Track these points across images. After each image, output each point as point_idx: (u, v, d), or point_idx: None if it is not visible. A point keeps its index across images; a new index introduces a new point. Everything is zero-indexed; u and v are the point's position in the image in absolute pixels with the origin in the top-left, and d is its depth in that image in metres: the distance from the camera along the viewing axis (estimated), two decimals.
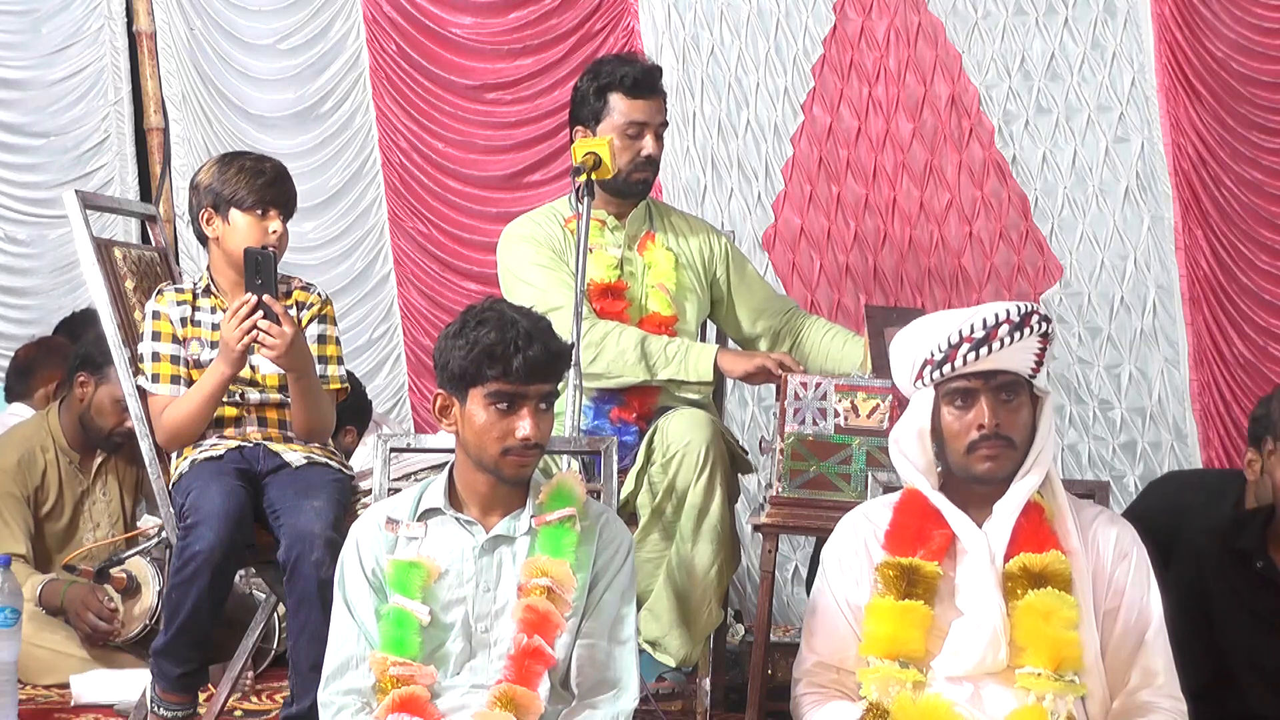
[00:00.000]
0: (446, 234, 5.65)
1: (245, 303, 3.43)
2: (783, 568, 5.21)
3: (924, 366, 2.83)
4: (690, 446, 3.68)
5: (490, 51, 5.60)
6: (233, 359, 3.47)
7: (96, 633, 4.38)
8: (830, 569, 2.94)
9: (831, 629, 2.90)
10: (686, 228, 4.17)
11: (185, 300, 3.62)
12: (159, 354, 3.58)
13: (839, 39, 5.20)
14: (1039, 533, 2.80)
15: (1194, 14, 4.91)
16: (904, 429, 2.89)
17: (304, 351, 3.53)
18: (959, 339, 2.79)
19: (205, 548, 3.29)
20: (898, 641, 2.77)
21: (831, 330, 4.14)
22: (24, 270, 6.03)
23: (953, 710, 2.70)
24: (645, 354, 3.86)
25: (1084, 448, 5.15)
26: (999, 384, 2.81)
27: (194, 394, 3.53)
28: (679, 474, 3.70)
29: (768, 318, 4.17)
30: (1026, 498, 2.82)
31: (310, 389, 3.55)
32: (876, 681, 2.75)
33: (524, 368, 2.77)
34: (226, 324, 3.45)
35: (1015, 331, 2.77)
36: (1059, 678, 2.71)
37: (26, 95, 5.98)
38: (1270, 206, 4.90)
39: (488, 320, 2.81)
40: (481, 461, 2.85)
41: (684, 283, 4.06)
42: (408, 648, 2.81)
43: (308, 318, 3.64)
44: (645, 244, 4.06)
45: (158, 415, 3.56)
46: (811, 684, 2.90)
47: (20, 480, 4.61)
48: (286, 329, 3.43)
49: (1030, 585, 2.76)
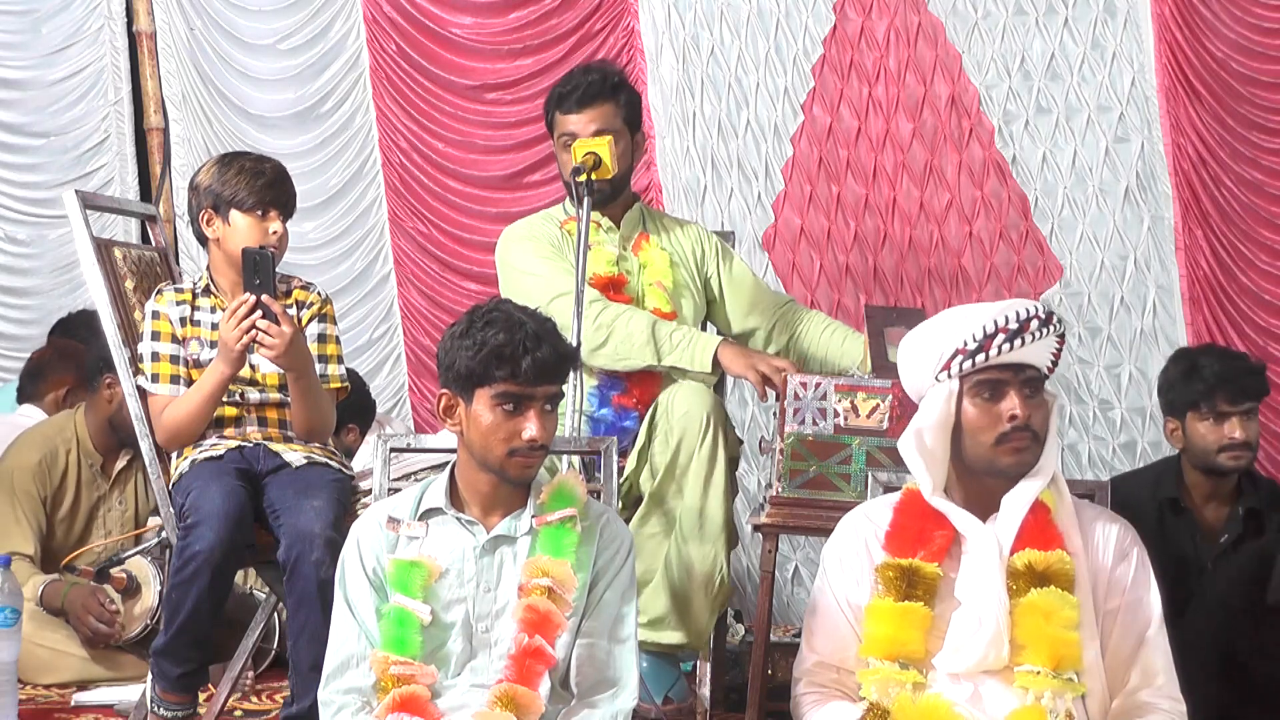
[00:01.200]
0: (446, 234, 5.65)
1: (244, 303, 3.43)
2: (783, 568, 5.21)
3: (955, 356, 2.79)
4: (690, 416, 3.71)
5: (490, 51, 5.60)
6: (232, 359, 3.47)
7: (97, 635, 4.39)
8: (831, 569, 2.93)
9: (832, 629, 2.89)
10: (678, 230, 4.21)
11: (185, 300, 3.62)
12: (158, 354, 3.58)
13: (839, 39, 5.20)
14: (1046, 531, 2.80)
15: (1194, 14, 4.91)
16: (927, 421, 2.83)
17: (303, 351, 3.53)
18: (995, 329, 2.78)
19: (205, 548, 3.29)
20: (897, 643, 2.77)
21: (830, 326, 4.15)
22: (24, 270, 6.03)
23: (953, 710, 2.70)
24: (654, 337, 3.88)
25: (1084, 448, 5.15)
26: (1026, 378, 2.81)
27: (193, 394, 3.53)
28: (683, 441, 3.71)
29: (760, 314, 4.17)
30: (1035, 495, 2.82)
31: (310, 389, 3.55)
32: (876, 683, 2.75)
33: (533, 369, 2.77)
34: (225, 324, 3.45)
35: (1044, 327, 2.79)
36: (1058, 676, 2.71)
37: (26, 95, 5.99)
38: (1270, 206, 4.90)
39: (495, 321, 2.81)
40: (486, 462, 2.85)
41: (679, 280, 4.09)
42: (409, 647, 2.81)
43: (308, 317, 3.64)
44: (640, 244, 4.09)
45: (158, 415, 3.56)
46: (812, 684, 2.90)
47: (40, 479, 4.61)
48: (285, 328, 3.43)
49: (1033, 583, 2.76)
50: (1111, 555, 2.86)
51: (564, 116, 4.03)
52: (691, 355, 3.88)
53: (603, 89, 4.03)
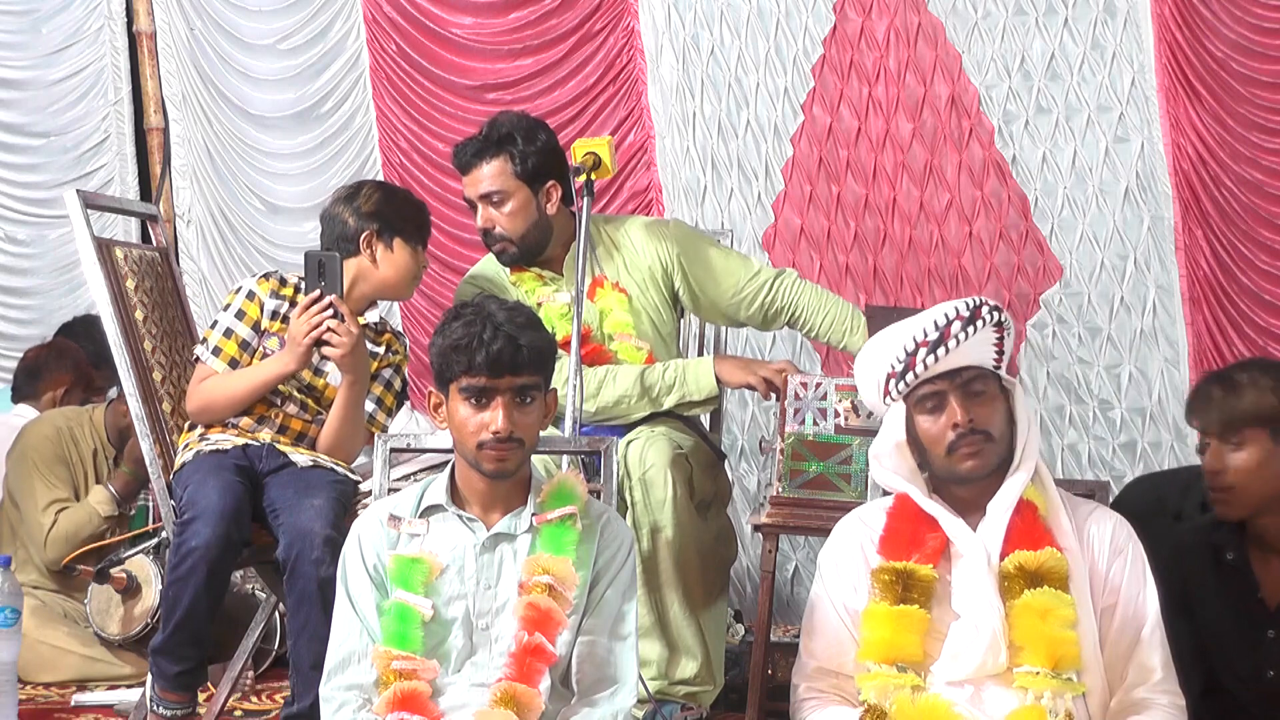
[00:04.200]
0: (446, 234, 5.65)
1: (315, 299, 3.47)
2: (783, 568, 5.21)
3: (888, 381, 2.84)
4: (652, 472, 3.70)
5: (490, 52, 5.60)
6: (299, 354, 3.50)
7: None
8: (827, 574, 2.94)
9: (829, 634, 2.90)
10: (631, 248, 4.03)
11: (286, 295, 3.65)
12: (232, 331, 3.59)
13: (839, 39, 5.20)
14: (1034, 530, 2.80)
15: (1194, 14, 4.90)
16: (882, 445, 2.89)
17: (365, 358, 3.58)
18: (914, 345, 2.80)
19: (202, 543, 3.30)
20: (895, 646, 2.77)
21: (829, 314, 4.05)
22: (24, 270, 6.04)
23: (952, 710, 2.70)
24: (646, 389, 3.87)
25: (1084, 448, 5.14)
26: (965, 380, 2.81)
27: (245, 377, 3.55)
28: (649, 509, 3.72)
29: (748, 304, 4.05)
30: (1019, 494, 2.82)
31: (357, 400, 3.59)
32: (875, 687, 2.75)
33: (487, 361, 2.80)
34: (296, 319, 3.48)
35: (968, 326, 2.79)
36: (1057, 676, 2.71)
37: (26, 95, 6.00)
38: (1270, 206, 4.89)
39: (462, 315, 2.86)
40: (464, 456, 2.89)
41: (642, 325, 3.97)
42: (410, 642, 2.81)
43: (387, 362, 3.72)
44: (594, 290, 3.95)
45: (198, 382, 3.58)
46: (811, 689, 2.90)
47: (60, 445, 4.63)
48: (353, 328, 3.48)
49: (1027, 584, 2.75)
50: (1106, 552, 2.85)
51: (464, 179, 3.95)
52: (691, 386, 3.88)
53: (485, 146, 3.89)
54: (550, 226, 3.94)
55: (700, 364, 3.91)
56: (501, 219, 3.90)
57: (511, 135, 3.89)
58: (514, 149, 3.88)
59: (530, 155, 3.88)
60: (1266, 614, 3.26)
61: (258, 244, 5.92)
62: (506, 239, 3.91)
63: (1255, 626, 3.27)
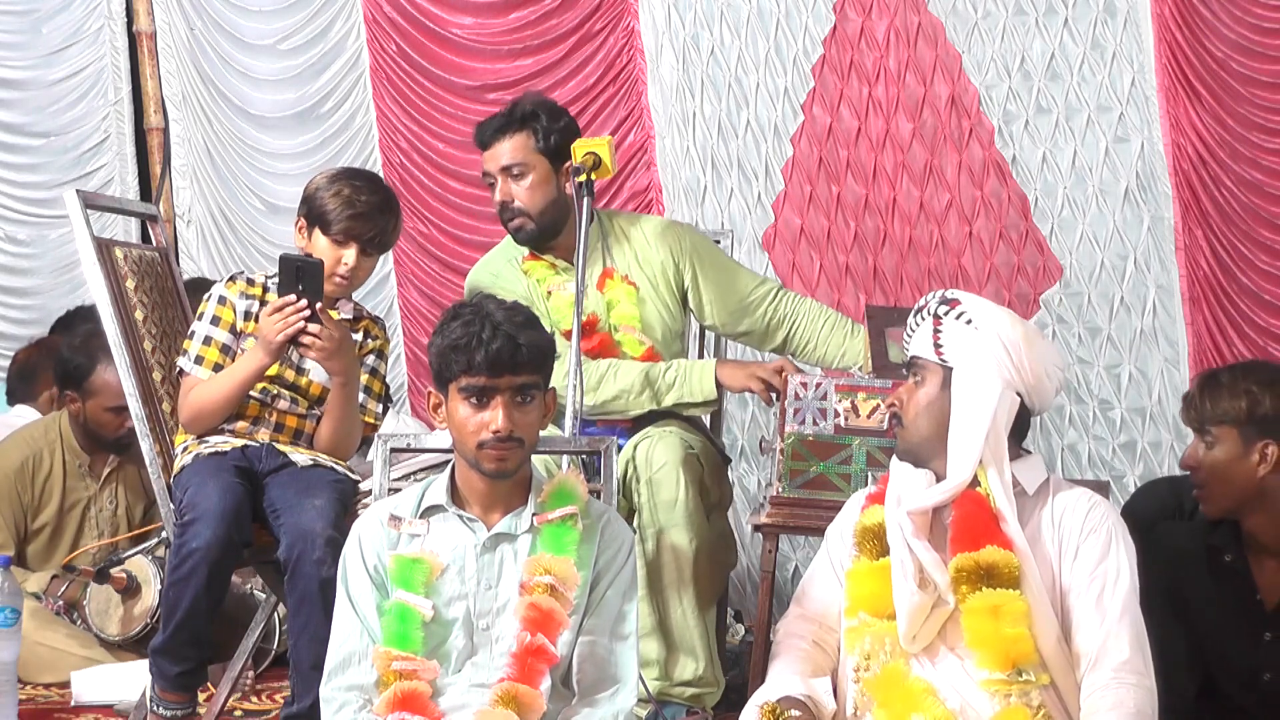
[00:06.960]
0: (446, 234, 5.65)
1: (290, 303, 3.42)
2: (783, 568, 5.21)
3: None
4: (663, 471, 3.70)
5: (490, 52, 5.61)
6: (271, 349, 3.47)
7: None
8: (831, 540, 3.02)
9: (820, 589, 2.99)
10: (644, 242, 4.05)
11: (254, 294, 3.61)
12: (211, 338, 3.56)
13: (839, 39, 5.20)
14: (977, 526, 2.81)
15: (1194, 14, 4.90)
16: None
17: (352, 356, 3.55)
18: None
19: (202, 544, 3.29)
20: (874, 598, 2.84)
21: (829, 322, 4.08)
22: (24, 270, 6.04)
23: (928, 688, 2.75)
24: (648, 383, 3.88)
25: (1084, 448, 5.14)
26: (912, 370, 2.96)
27: (225, 378, 3.52)
28: (656, 509, 3.72)
29: (753, 311, 4.08)
30: (956, 483, 2.84)
31: (350, 399, 3.56)
32: (857, 637, 2.84)
33: (486, 361, 2.80)
34: (265, 318, 3.45)
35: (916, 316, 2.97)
36: (1016, 677, 2.72)
37: (26, 95, 6.00)
38: (1270, 206, 4.89)
39: (461, 315, 2.86)
40: (464, 456, 2.89)
41: (649, 318, 3.99)
42: (410, 642, 2.82)
43: (369, 348, 3.67)
44: (604, 281, 3.98)
45: (186, 394, 3.55)
46: (789, 633, 2.98)
47: (21, 482, 4.62)
48: (334, 332, 3.44)
49: (976, 584, 2.76)
50: (1078, 531, 2.84)
51: (482, 155, 3.96)
52: (691, 387, 3.88)
53: (509, 122, 3.92)
54: (568, 207, 3.94)
55: (702, 366, 3.91)
56: (521, 193, 3.91)
57: (535, 113, 3.94)
58: (538, 125, 3.92)
59: (554, 132, 3.92)
60: (1264, 616, 3.28)
61: (258, 244, 5.92)
62: (525, 213, 3.92)
63: (1253, 628, 3.29)
